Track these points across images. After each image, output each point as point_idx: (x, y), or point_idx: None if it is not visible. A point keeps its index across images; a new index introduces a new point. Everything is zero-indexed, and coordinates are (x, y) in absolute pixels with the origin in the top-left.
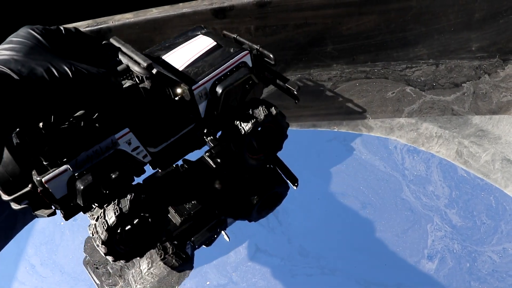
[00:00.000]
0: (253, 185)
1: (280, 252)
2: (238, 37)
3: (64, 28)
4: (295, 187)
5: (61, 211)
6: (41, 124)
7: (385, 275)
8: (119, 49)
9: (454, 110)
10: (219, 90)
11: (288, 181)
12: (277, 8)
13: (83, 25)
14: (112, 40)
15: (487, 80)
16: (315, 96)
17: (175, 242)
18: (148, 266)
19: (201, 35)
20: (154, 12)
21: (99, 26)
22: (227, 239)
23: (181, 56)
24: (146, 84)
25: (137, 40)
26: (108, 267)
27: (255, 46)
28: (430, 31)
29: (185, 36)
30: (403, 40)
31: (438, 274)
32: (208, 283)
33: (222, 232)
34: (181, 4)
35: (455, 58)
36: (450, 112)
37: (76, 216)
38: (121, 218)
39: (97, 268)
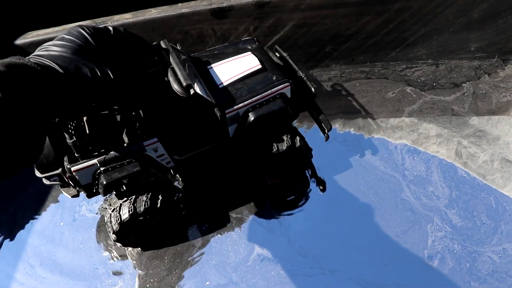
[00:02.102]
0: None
1: (280, 252)
2: (287, 57)
3: (113, 28)
4: (321, 192)
5: (83, 192)
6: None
7: (385, 276)
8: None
9: (454, 110)
10: (251, 117)
11: (316, 183)
12: (276, 9)
13: None
14: (162, 44)
15: (487, 80)
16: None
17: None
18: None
19: (249, 53)
20: (153, 12)
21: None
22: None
23: (225, 72)
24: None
25: None
26: (107, 268)
27: (301, 74)
28: (429, 31)
29: (236, 47)
30: (402, 40)
31: (438, 275)
32: (207, 283)
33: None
34: (180, 4)
35: (454, 58)
36: (450, 112)
37: (76, 216)
38: (134, 216)
39: (96, 268)
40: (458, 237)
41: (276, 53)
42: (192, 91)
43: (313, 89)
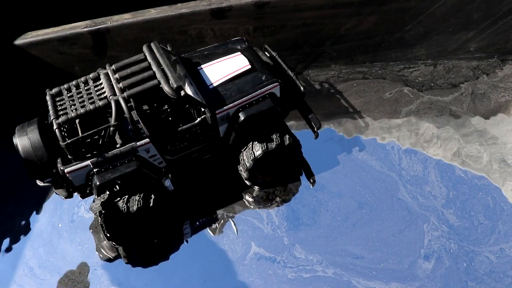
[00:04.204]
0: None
1: (276, 251)
2: (277, 57)
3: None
4: (311, 185)
5: (77, 193)
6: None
7: (382, 275)
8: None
9: (452, 110)
10: (241, 117)
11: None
12: (276, 9)
13: (82, 26)
14: (152, 45)
15: (485, 81)
16: (312, 97)
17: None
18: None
19: (239, 54)
20: (153, 13)
21: (97, 27)
22: (235, 231)
23: (215, 72)
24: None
25: (135, 40)
26: (106, 268)
27: (290, 73)
28: (429, 31)
29: (225, 47)
30: (402, 40)
31: (435, 274)
32: (205, 282)
33: (231, 222)
34: (179, 4)
35: (453, 58)
36: (448, 113)
37: (74, 217)
38: (127, 216)
39: (95, 269)
40: (455, 236)
41: (266, 53)
42: (182, 93)
43: (302, 88)
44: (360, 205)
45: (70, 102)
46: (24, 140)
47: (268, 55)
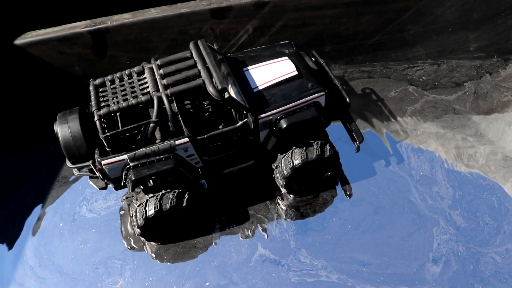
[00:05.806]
0: None
1: (282, 254)
2: (324, 64)
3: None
4: (348, 197)
5: (111, 184)
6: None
7: (389, 280)
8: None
9: (456, 109)
10: (283, 124)
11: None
12: (276, 9)
13: (82, 25)
14: (199, 43)
15: (488, 80)
16: None
17: None
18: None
19: (286, 58)
20: (153, 12)
21: (97, 27)
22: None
23: (260, 75)
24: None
25: (136, 40)
26: (107, 267)
27: (337, 82)
28: (428, 31)
29: (273, 50)
30: (401, 40)
31: (443, 278)
32: (207, 283)
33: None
34: (179, 4)
35: (453, 58)
36: (452, 112)
37: (75, 217)
38: (159, 213)
39: (96, 268)
40: (462, 238)
41: (313, 58)
42: (226, 95)
43: (347, 99)
44: (372, 207)
45: (113, 94)
46: (64, 128)
47: (314, 60)
